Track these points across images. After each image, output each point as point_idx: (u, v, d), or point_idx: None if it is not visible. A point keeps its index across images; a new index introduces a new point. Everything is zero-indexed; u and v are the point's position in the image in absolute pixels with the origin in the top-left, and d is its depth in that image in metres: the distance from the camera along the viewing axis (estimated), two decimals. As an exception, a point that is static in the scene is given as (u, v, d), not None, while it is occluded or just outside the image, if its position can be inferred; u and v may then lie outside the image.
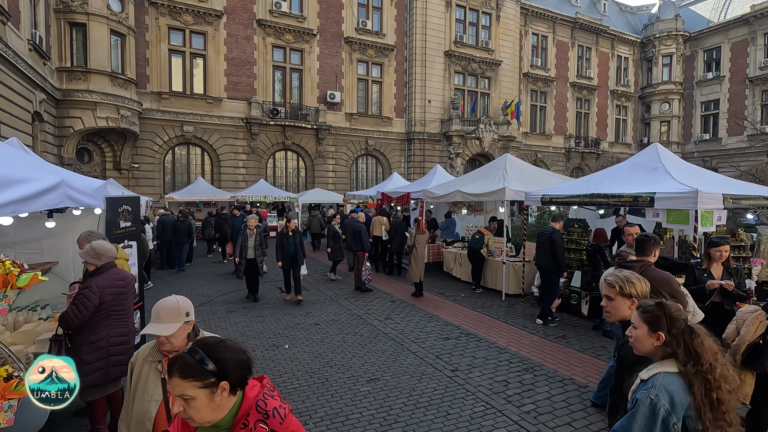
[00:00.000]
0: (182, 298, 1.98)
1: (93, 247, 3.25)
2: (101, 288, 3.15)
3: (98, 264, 3.27)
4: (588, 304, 4.77)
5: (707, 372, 1.58)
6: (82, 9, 15.22)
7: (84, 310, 3.05)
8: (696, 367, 1.60)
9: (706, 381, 1.57)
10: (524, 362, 5.43)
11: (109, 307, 3.21)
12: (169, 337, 1.91)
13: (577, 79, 30.71)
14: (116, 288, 3.28)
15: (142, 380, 2.01)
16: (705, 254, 4.27)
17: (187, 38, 19.67)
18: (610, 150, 31.77)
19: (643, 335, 1.75)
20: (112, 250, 3.35)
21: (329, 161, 23.08)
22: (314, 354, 5.67)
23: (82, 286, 3.18)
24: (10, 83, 11.08)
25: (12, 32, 11.11)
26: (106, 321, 3.22)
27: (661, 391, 1.58)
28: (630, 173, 6.72)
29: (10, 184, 2.50)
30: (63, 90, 15.27)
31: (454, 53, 24.90)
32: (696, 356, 1.62)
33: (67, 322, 3.04)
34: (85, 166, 17.14)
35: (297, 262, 8.24)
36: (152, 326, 1.90)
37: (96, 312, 3.13)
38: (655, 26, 32.32)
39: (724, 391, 1.57)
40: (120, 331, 3.32)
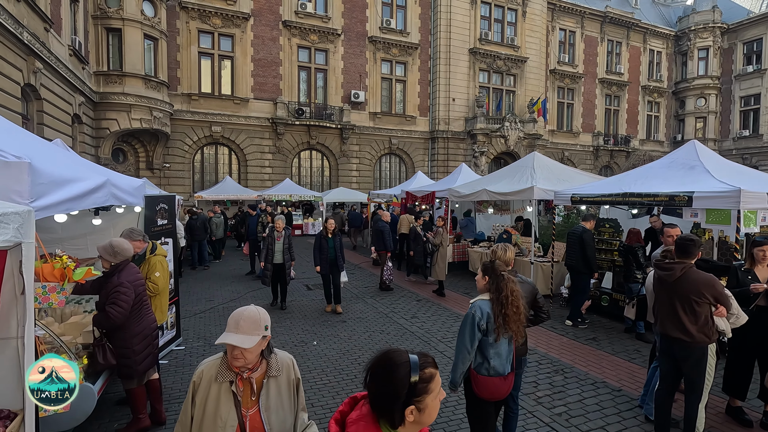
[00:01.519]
0: (262, 310, 1.82)
1: (112, 244, 3.35)
2: (132, 283, 3.30)
3: (113, 261, 3.37)
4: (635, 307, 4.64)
5: (503, 299, 2.74)
6: (118, 15, 15.83)
7: (125, 306, 3.20)
8: (496, 294, 2.77)
9: (501, 304, 2.74)
10: (554, 363, 5.34)
11: (141, 299, 3.38)
12: (245, 351, 1.68)
13: (607, 75, 29.83)
14: (139, 280, 3.45)
15: (211, 403, 1.75)
16: (748, 255, 4.09)
17: (215, 41, 20.17)
18: (641, 148, 30.74)
19: (479, 278, 2.97)
20: (129, 249, 3.46)
21: (353, 160, 23.23)
22: (342, 351, 5.74)
23: (113, 285, 3.29)
24: (53, 87, 11.63)
25: (54, 39, 11.66)
26: (141, 312, 3.40)
27: (476, 307, 2.80)
28: (665, 171, 6.51)
29: (64, 184, 2.65)
30: (100, 93, 15.92)
31: (479, 51, 24.62)
32: (498, 290, 2.77)
33: (110, 321, 3.18)
34: (120, 166, 17.83)
35: (337, 267, 7.51)
36: (231, 336, 1.68)
37: (133, 305, 3.29)
38: (690, 18, 31.03)
39: (510, 310, 2.72)
40: (151, 319, 3.56)
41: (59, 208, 2.54)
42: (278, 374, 1.85)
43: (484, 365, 2.78)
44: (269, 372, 1.83)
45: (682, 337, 3.26)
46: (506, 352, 2.81)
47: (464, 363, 2.78)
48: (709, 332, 3.23)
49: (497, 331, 2.72)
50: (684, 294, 3.25)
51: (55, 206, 2.49)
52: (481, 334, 2.76)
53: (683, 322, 3.24)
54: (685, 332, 3.24)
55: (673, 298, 3.32)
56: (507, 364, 2.82)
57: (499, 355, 2.78)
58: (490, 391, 2.78)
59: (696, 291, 3.20)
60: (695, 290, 3.20)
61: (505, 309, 2.71)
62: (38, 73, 10.60)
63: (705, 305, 3.23)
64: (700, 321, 3.21)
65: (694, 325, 3.22)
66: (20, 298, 2.17)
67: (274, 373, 1.84)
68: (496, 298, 2.76)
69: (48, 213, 2.42)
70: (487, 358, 2.77)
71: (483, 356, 2.78)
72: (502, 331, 2.73)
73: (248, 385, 1.79)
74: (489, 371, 2.77)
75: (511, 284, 2.77)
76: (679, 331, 3.27)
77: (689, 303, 3.23)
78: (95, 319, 3.23)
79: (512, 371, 2.85)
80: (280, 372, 1.86)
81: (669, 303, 3.35)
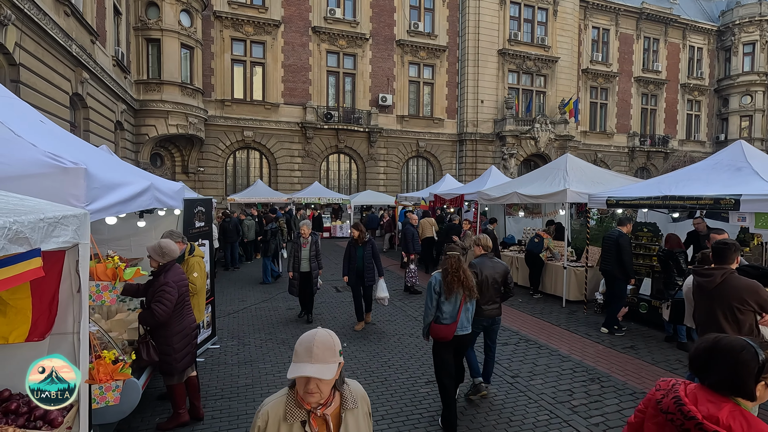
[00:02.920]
0: (332, 332, 1.54)
1: (160, 245, 3.52)
2: (176, 282, 3.44)
3: (161, 261, 3.54)
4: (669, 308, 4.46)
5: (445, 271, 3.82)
6: (157, 26, 16.57)
7: (170, 305, 3.35)
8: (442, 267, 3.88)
9: (445, 273, 3.80)
10: (589, 372, 5.18)
11: (183, 299, 3.52)
12: (321, 383, 1.45)
13: (643, 74, 28.77)
14: (183, 281, 3.59)
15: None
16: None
17: (248, 48, 20.76)
18: (681, 148, 29.45)
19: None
20: (176, 250, 3.61)
21: (380, 163, 23.34)
22: (372, 353, 5.77)
23: (160, 284, 3.45)
24: (98, 96, 12.28)
25: (99, 50, 12.32)
26: (182, 311, 3.54)
27: (434, 278, 3.87)
28: (709, 174, 6.21)
29: (114, 188, 2.80)
30: (140, 101, 16.69)
31: (508, 51, 24.27)
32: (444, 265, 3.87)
33: (155, 318, 3.34)
34: (158, 170, 18.59)
35: (363, 279, 6.76)
36: (306, 367, 1.42)
37: (175, 305, 3.43)
38: (734, 12, 29.54)
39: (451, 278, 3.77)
40: (191, 319, 3.72)
41: (110, 210, 2.68)
42: (355, 407, 1.62)
43: (438, 317, 3.88)
44: (345, 405, 1.59)
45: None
46: (450, 309, 3.85)
47: (428, 316, 3.92)
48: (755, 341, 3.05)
49: (449, 292, 3.81)
50: (725, 301, 3.10)
51: (107, 209, 2.63)
52: (436, 295, 3.85)
53: (725, 330, 3.09)
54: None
55: (714, 306, 3.17)
56: (450, 317, 3.85)
57: (445, 311, 3.85)
58: (437, 334, 3.87)
59: (738, 298, 3.04)
60: (738, 297, 3.04)
61: (447, 276, 3.82)
62: (85, 83, 11.22)
63: (749, 313, 3.06)
64: (743, 330, 3.05)
65: (737, 333, 3.05)
66: (76, 296, 2.30)
67: (350, 405, 1.60)
68: (442, 270, 3.90)
69: (101, 216, 2.57)
70: (441, 311, 3.86)
71: (439, 311, 3.87)
72: (447, 293, 3.80)
73: (323, 424, 1.55)
74: (438, 321, 3.88)
75: (453, 260, 3.84)
76: None
77: (731, 311, 3.07)
78: (141, 316, 3.39)
79: (455, 323, 3.84)
80: (356, 404, 1.63)
81: (710, 311, 3.20)
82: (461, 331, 3.89)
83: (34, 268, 1.78)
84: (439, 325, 3.84)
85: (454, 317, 3.83)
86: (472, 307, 3.99)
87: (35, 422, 2.10)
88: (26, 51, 8.38)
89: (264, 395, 4.54)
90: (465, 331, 3.93)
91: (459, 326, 3.86)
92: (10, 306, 2.19)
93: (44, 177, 2.30)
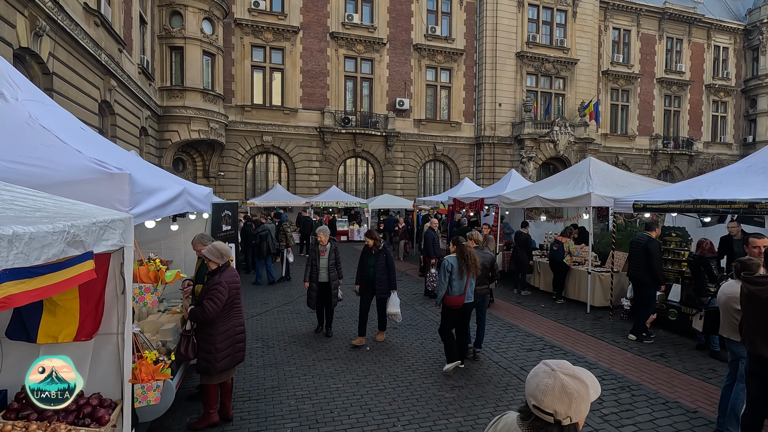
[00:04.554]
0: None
1: (216, 247, 3.63)
2: (228, 283, 3.52)
3: (220, 263, 3.64)
4: (703, 318, 4.34)
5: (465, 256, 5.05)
6: (180, 34, 16.99)
7: (219, 303, 3.43)
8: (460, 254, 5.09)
9: (464, 258, 5.05)
10: (619, 380, 5.07)
11: (233, 300, 3.59)
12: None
13: (666, 74, 28.15)
14: (236, 283, 3.66)
15: None
16: None
17: (267, 54, 21.10)
18: (706, 151, 28.65)
19: (451, 247, 5.31)
20: (230, 250, 3.71)
21: (397, 167, 23.36)
22: (396, 357, 5.76)
23: (213, 282, 3.55)
24: (125, 103, 12.64)
25: (126, 59, 12.69)
26: (231, 313, 3.61)
27: (446, 261, 5.10)
28: (742, 177, 6.03)
29: (153, 192, 2.88)
30: (163, 107, 17.11)
31: (526, 54, 24.07)
32: (461, 252, 5.09)
33: (205, 315, 3.41)
34: (180, 175, 18.98)
35: (374, 290, 6.22)
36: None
37: (224, 305, 3.50)
38: (762, 10, 28.69)
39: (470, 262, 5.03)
40: (240, 322, 3.73)
41: (151, 214, 2.76)
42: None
43: (450, 290, 5.10)
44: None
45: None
46: (459, 284, 5.10)
47: (442, 290, 5.13)
48: (807, 354, 2.94)
49: (461, 272, 5.07)
50: None
51: (148, 213, 2.71)
52: (449, 274, 5.06)
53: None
54: (779, 352, 2.98)
55: (765, 316, 3.05)
56: (459, 291, 5.11)
57: (455, 286, 5.10)
58: (450, 303, 5.14)
59: None
60: None
61: (466, 261, 5.06)
62: (113, 90, 11.57)
63: (803, 324, 2.95)
64: (796, 341, 2.94)
65: (790, 345, 2.95)
66: (121, 298, 2.38)
67: None
68: (460, 255, 5.10)
69: (142, 219, 2.65)
70: (451, 286, 5.09)
71: (450, 286, 5.09)
72: (465, 272, 5.07)
73: None
74: (450, 293, 5.11)
75: (468, 249, 5.15)
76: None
77: None
78: (191, 312, 3.49)
79: (463, 294, 5.11)
80: None
81: (761, 321, 3.09)
82: (468, 299, 5.21)
83: (87, 270, 1.84)
84: (452, 296, 5.12)
85: (462, 290, 5.12)
86: (474, 282, 5.29)
87: (83, 419, 2.16)
88: (59, 60, 8.70)
89: (290, 398, 4.58)
90: (470, 300, 5.26)
91: (466, 297, 5.17)
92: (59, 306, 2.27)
93: (91, 182, 2.38)
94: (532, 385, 1.26)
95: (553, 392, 1.21)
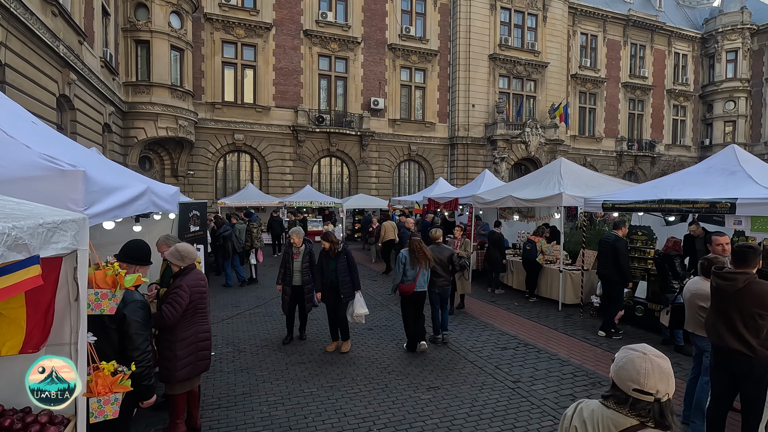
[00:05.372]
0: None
1: (178, 249, 3.45)
2: (190, 287, 3.33)
3: (182, 265, 3.46)
4: (669, 314, 4.48)
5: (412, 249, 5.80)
6: (147, 27, 16.32)
7: (178, 308, 3.24)
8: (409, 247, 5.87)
9: (412, 251, 5.81)
10: (590, 376, 5.17)
11: (196, 305, 3.40)
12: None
13: (630, 79, 29.25)
14: (200, 287, 3.47)
15: None
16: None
17: (238, 50, 20.59)
18: (667, 153, 29.95)
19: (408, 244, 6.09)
20: (195, 252, 3.53)
21: (372, 167, 23.28)
22: (371, 359, 5.68)
23: (174, 286, 3.37)
24: (86, 98, 12.02)
25: (87, 51, 12.07)
26: (194, 318, 3.42)
27: (401, 253, 5.92)
28: (704, 177, 6.27)
29: (112, 191, 2.69)
30: (128, 103, 16.40)
31: (498, 56, 24.47)
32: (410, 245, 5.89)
33: (163, 320, 3.23)
34: (147, 173, 18.25)
35: (339, 295, 5.83)
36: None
37: (186, 310, 3.31)
38: (717, 20, 30.24)
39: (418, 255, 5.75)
40: (204, 328, 3.53)
41: (109, 215, 2.58)
42: None
43: (403, 278, 5.79)
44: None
45: (742, 350, 3.08)
46: (412, 274, 5.77)
47: (397, 279, 5.83)
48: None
49: (413, 263, 5.76)
50: (746, 306, 3.08)
51: (106, 213, 2.53)
52: (403, 265, 5.78)
53: (743, 335, 3.08)
54: (746, 346, 3.07)
55: (732, 310, 3.15)
56: (411, 279, 5.77)
57: (408, 275, 5.78)
58: (403, 290, 5.81)
59: (760, 303, 3.03)
60: (759, 303, 3.04)
61: (414, 254, 5.76)
62: (72, 84, 10.97)
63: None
64: (762, 335, 3.04)
65: (755, 339, 3.05)
66: (74, 305, 2.20)
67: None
68: (410, 249, 5.82)
69: (99, 220, 2.46)
70: (405, 275, 5.78)
71: (404, 275, 5.78)
72: (415, 263, 5.75)
73: None
74: (404, 281, 5.79)
75: (416, 244, 5.80)
76: (740, 344, 3.10)
77: (751, 316, 3.06)
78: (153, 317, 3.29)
79: (414, 282, 5.75)
80: None
81: (727, 315, 3.18)
82: (418, 288, 5.80)
83: (32, 276, 1.67)
84: (404, 284, 5.78)
85: (413, 279, 5.76)
86: (427, 273, 5.89)
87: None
88: (12, 51, 8.16)
89: (262, 404, 4.43)
90: (421, 288, 5.83)
91: (417, 285, 5.77)
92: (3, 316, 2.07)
93: (40, 180, 2.19)
94: (629, 371, 1.38)
95: (654, 374, 1.36)
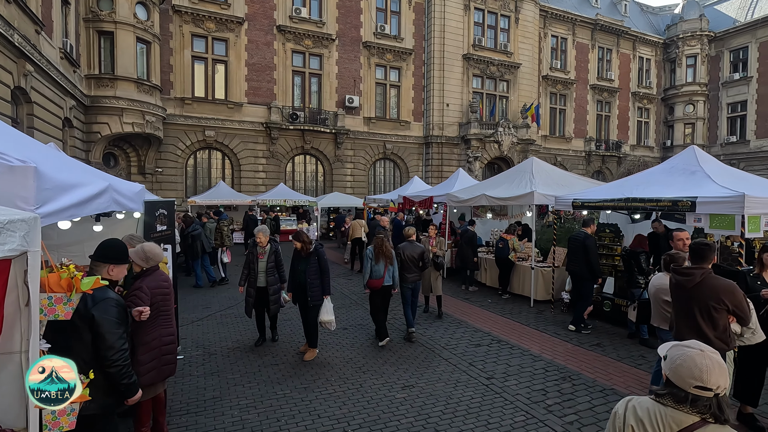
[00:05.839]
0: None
1: (144, 248, 3.30)
2: (151, 289, 3.18)
3: (145, 266, 3.31)
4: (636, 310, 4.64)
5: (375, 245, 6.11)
6: (110, 18, 15.63)
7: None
8: (373, 243, 6.18)
9: (375, 247, 6.09)
10: (561, 370, 5.29)
11: (158, 308, 3.25)
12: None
13: (598, 81, 30.23)
14: (163, 289, 3.32)
15: None
16: (758, 261, 4.10)
17: (209, 45, 20.02)
18: (632, 153, 31.14)
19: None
20: (161, 254, 3.39)
21: (347, 165, 23.15)
22: (345, 359, 5.63)
23: (133, 288, 3.22)
24: (44, 90, 11.40)
25: (45, 41, 11.44)
26: (156, 321, 3.26)
27: (368, 250, 6.18)
28: (666, 177, 6.53)
29: (68, 189, 2.53)
30: (91, 96, 15.67)
31: (472, 56, 24.78)
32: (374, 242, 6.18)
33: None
34: (111, 171, 17.51)
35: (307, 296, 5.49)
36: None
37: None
38: (678, 26, 31.64)
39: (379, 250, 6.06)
40: (168, 331, 3.38)
41: (64, 214, 2.42)
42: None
43: (372, 274, 6.05)
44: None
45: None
46: (378, 269, 6.05)
47: (366, 274, 6.08)
48: (728, 339, 3.20)
49: (377, 258, 6.03)
50: (703, 300, 3.22)
51: (60, 212, 2.37)
52: (370, 260, 6.05)
53: (701, 328, 3.21)
54: (703, 338, 3.20)
55: (691, 304, 3.28)
56: (378, 274, 6.05)
57: (375, 270, 6.05)
58: (371, 285, 6.06)
59: (716, 297, 3.17)
60: (715, 296, 3.17)
61: (376, 249, 6.05)
62: (29, 76, 10.37)
63: (723, 312, 3.20)
64: (718, 328, 3.18)
65: (713, 332, 3.18)
66: (25, 310, 2.05)
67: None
68: (373, 245, 6.12)
69: (53, 220, 2.31)
70: (373, 270, 6.05)
71: (373, 270, 6.05)
72: (378, 258, 6.03)
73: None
74: (372, 277, 6.06)
75: (378, 241, 6.10)
76: (697, 337, 3.23)
77: (708, 309, 3.19)
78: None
79: (381, 278, 6.03)
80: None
81: (687, 309, 3.32)
82: (386, 283, 6.07)
83: (-26, 281, 1.54)
84: (373, 279, 6.03)
85: (381, 274, 6.03)
86: (393, 269, 6.15)
87: (-25, 456, 1.83)
88: (-40, 39, 7.63)
89: (233, 408, 4.31)
90: (387, 283, 6.10)
91: (384, 280, 6.04)
92: (-56, 324, 1.92)
93: (-14, 176, 2.03)
94: (690, 368, 1.39)
95: (714, 370, 1.38)
